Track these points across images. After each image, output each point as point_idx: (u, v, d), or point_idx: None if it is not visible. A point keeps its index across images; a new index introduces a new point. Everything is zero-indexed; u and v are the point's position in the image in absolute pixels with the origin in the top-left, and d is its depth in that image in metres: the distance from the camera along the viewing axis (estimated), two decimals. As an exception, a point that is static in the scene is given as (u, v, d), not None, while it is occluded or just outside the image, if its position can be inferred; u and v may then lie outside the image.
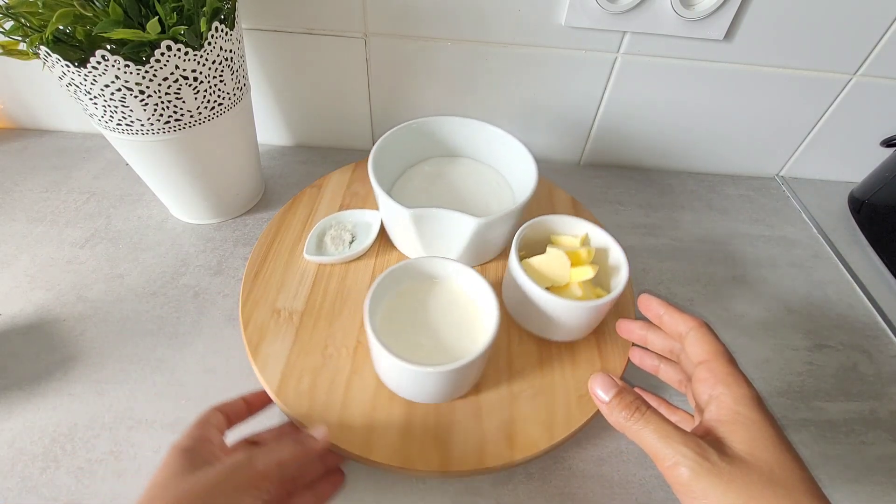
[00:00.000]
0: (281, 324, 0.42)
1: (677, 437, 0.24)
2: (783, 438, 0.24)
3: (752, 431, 0.24)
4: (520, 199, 0.43)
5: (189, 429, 0.30)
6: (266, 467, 0.27)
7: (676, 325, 0.31)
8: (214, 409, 0.33)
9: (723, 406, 0.26)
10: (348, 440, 0.35)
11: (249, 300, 0.43)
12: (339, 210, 0.52)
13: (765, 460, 0.23)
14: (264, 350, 0.40)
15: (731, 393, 0.26)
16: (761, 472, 0.23)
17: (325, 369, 0.39)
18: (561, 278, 0.39)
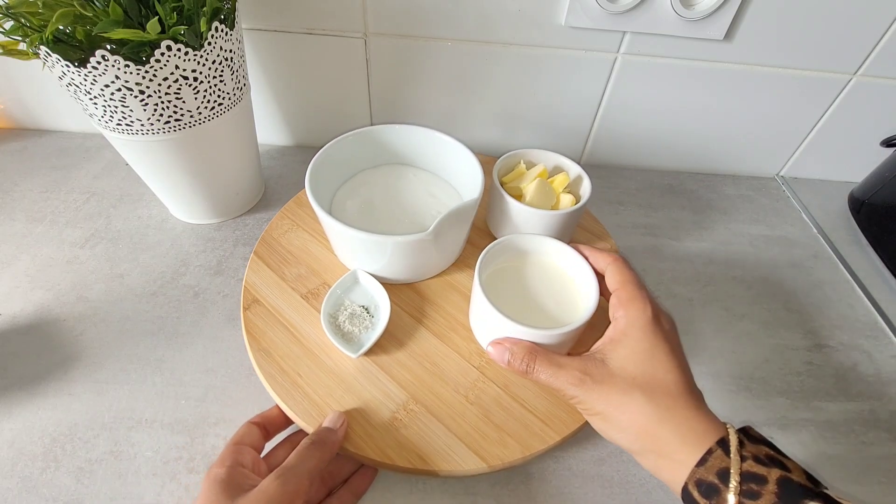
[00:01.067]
0: (282, 323, 0.42)
1: (564, 369, 0.30)
2: (660, 354, 0.28)
3: (629, 349, 0.29)
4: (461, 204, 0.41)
5: (224, 452, 0.31)
6: (297, 485, 0.28)
7: (598, 264, 0.35)
8: (250, 423, 0.34)
9: (616, 328, 0.30)
10: (348, 439, 0.35)
11: (250, 300, 0.43)
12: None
13: (630, 371, 0.28)
14: (265, 350, 0.40)
15: (626, 316, 0.30)
16: (624, 381, 0.28)
17: (326, 369, 0.39)
18: (550, 201, 0.47)
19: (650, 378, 0.28)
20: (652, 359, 0.28)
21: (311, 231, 0.50)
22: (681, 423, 0.26)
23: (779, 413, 0.43)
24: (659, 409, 0.27)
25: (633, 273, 0.32)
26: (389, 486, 0.36)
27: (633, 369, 0.28)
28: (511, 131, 0.64)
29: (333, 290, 0.42)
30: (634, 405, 0.27)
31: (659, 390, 0.27)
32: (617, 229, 0.58)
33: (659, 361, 0.28)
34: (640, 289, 0.31)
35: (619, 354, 0.29)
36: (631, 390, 0.28)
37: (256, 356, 0.39)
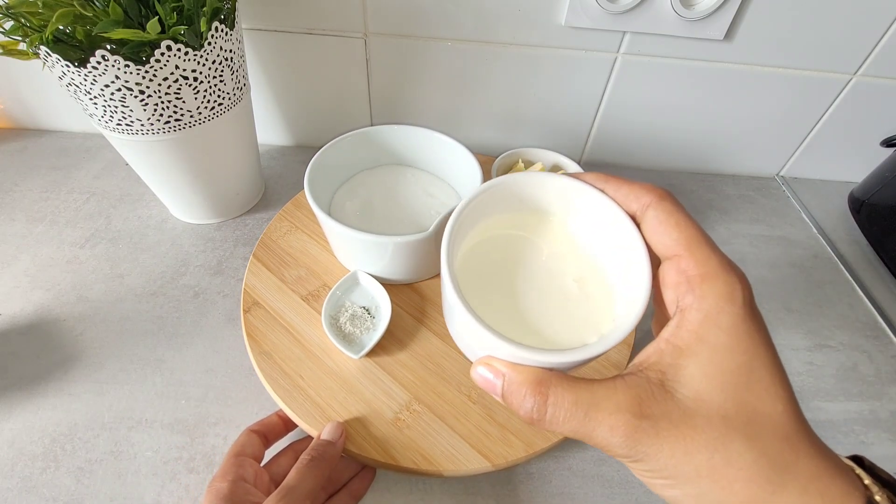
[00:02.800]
0: (283, 325, 0.42)
1: (601, 409, 0.17)
2: (761, 372, 0.17)
3: (713, 367, 0.17)
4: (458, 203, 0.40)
5: (225, 464, 0.31)
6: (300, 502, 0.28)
7: (628, 201, 0.22)
8: (249, 431, 0.33)
9: (686, 326, 0.18)
10: (352, 440, 0.35)
11: (250, 300, 0.43)
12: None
13: (717, 405, 0.17)
14: (266, 352, 0.40)
15: (701, 305, 0.18)
16: (711, 424, 0.17)
17: (327, 370, 0.39)
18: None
19: (751, 413, 0.17)
20: (751, 380, 0.17)
21: (310, 233, 0.50)
22: (807, 484, 0.17)
23: (779, 413, 0.43)
24: (773, 467, 0.16)
25: (695, 224, 0.20)
26: (389, 486, 0.36)
27: (720, 400, 0.17)
28: (511, 131, 0.64)
29: (334, 291, 0.42)
30: (733, 465, 0.16)
31: (768, 434, 0.17)
32: (617, 229, 0.58)
33: (761, 384, 0.17)
34: (716, 251, 0.19)
35: (693, 375, 0.17)
36: (726, 440, 0.16)
37: (258, 359, 0.39)
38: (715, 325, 0.17)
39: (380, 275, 0.43)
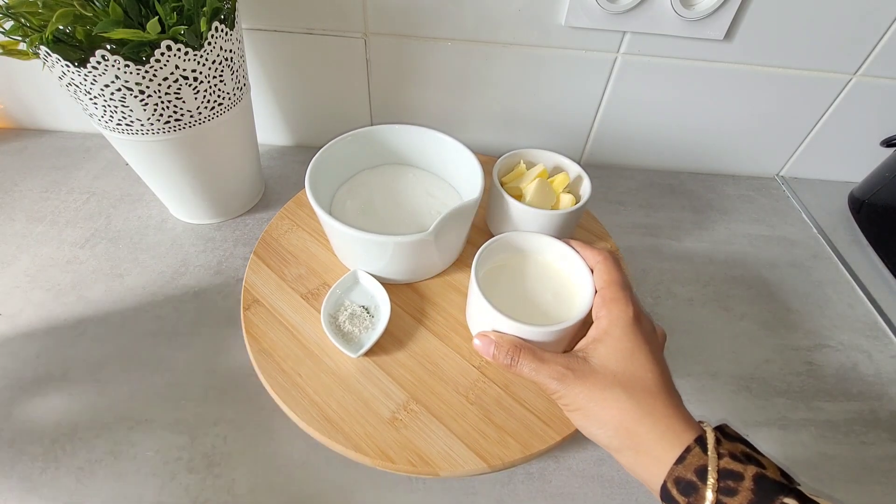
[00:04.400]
0: (282, 323, 0.42)
1: (547, 364, 0.30)
2: (640, 354, 0.29)
3: (610, 347, 0.29)
4: (461, 204, 0.40)
5: None
6: None
7: (589, 261, 0.35)
8: None
9: (599, 327, 0.31)
10: (347, 439, 0.35)
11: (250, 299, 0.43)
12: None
13: (611, 370, 0.29)
14: (265, 350, 0.40)
15: (608, 316, 0.31)
16: (605, 378, 0.29)
17: (326, 369, 0.39)
18: (550, 201, 0.47)
19: (630, 376, 0.28)
20: (632, 358, 0.29)
21: (310, 231, 0.50)
22: (659, 420, 0.27)
23: (779, 413, 0.43)
24: (638, 406, 0.27)
25: (619, 273, 0.33)
26: (389, 486, 0.36)
27: (614, 367, 0.29)
28: (511, 131, 0.64)
29: (333, 290, 0.42)
30: (614, 401, 0.28)
31: (639, 388, 0.28)
32: (617, 229, 0.58)
33: (639, 361, 0.29)
34: (623, 289, 0.32)
35: (600, 352, 0.30)
36: (611, 386, 0.28)
37: (257, 357, 0.39)
38: (615, 326, 0.30)
39: (380, 274, 0.43)
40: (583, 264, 0.36)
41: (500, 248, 0.39)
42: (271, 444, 0.38)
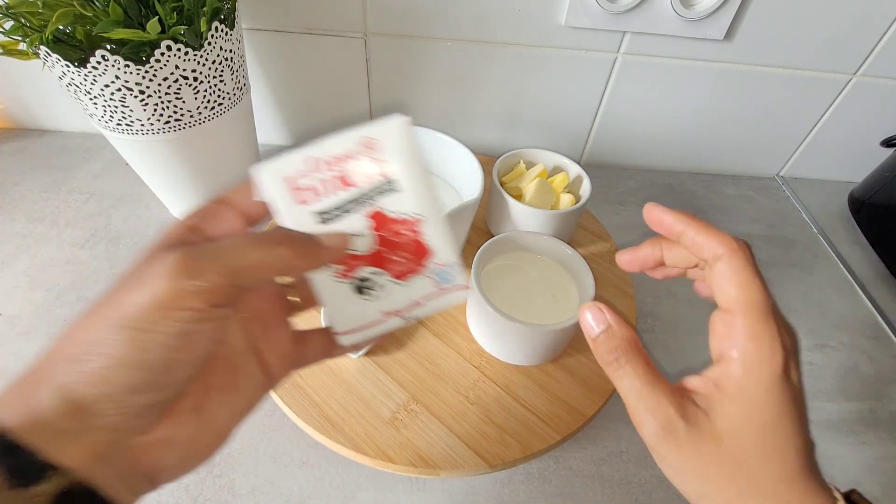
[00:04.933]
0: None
1: (651, 395, 0.21)
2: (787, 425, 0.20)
3: (745, 411, 0.20)
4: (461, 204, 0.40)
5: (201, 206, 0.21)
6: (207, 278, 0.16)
7: (701, 249, 0.23)
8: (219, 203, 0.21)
9: (728, 374, 0.21)
10: (348, 438, 0.35)
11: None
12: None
13: (742, 444, 0.20)
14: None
15: (744, 362, 0.21)
16: (732, 453, 0.20)
17: (326, 369, 0.39)
18: (550, 201, 0.47)
19: (767, 458, 0.20)
20: (774, 431, 0.20)
21: (311, 231, 0.50)
22: None
23: (779, 413, 0.43)
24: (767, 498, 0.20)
25: (761, 286, 0.22)
26: (390, 486, 0.36)
27: (746, 440, 0.20)
28: (511, 131, 0.64)
29: None
30: (734, 488, 0.20)
31: (775, 475, 0.20)
32: (617, 229, 0.58)
33: (782, 435, 0.20)
34: (768, 317, 0.21)
35: (730, 414, 0.20)
36: (737, 468, 0.20)
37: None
38: (755, 385, 0.20)
39: None
40: (583, 265, 0.36)
41: (500, 248, 0.39)
42: (271, 444, 0.38)
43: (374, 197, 0.20)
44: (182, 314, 0.16)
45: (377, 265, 0.21)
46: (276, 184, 0.19)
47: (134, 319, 0.16)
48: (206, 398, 0.19)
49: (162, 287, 0.16)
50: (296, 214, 0.20)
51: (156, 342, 0.16)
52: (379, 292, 0.21)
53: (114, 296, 0.17)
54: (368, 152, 0.20)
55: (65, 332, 0.17)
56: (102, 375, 0.16)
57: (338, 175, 0.20)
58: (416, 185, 0.20)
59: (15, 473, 0.14)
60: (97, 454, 0.16)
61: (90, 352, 0.16)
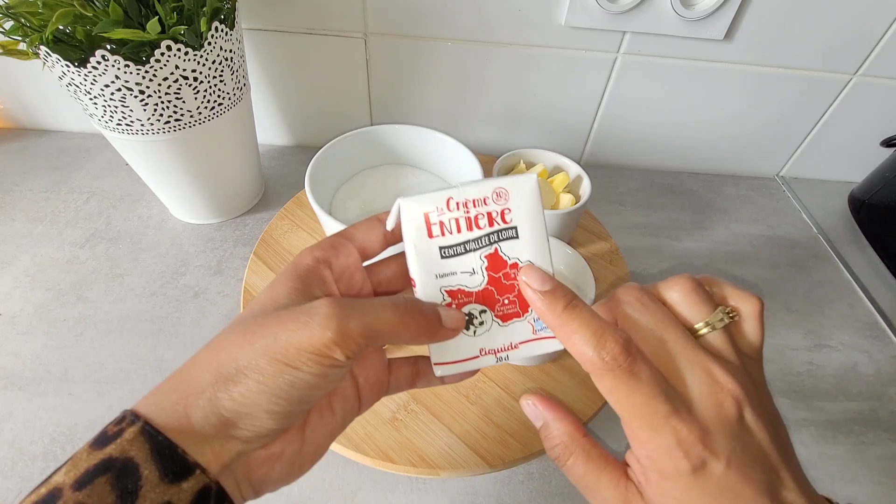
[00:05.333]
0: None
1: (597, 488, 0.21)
2: None
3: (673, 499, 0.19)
4: None
5: (324, 240, 0.23)
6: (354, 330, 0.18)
7: None
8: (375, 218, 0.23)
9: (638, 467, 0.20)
10: (348, 438, 0.35)
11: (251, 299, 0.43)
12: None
13: None
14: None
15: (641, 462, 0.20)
16: None
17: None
18: (550, 201, 0.48)
19: None
20: None
21: (311, 231, 0.50)
22: None
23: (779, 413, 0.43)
24: None
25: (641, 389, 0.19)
26: (390, 486, 0.36)
27: None
28: (511, 131, 0.64)
29: None
30: None
31: None
32: (617, 229, 0.58)
33: None
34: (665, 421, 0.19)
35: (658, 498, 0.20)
36: None
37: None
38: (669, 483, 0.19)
39: None
40: (583, 265, 0.36)
41: None
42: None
43: (494, 241, 0.22)
44: (326, 360, 0.18)
45: (485, 303, 0.22)
46: (416, 216, 0.22)
47: (288, 356, 0.18)
48: (309, 418, 0.21)
49: (317, 335, 0.18)
50: (423, 245, 0.22)
51: (301, 379, 0.18)
52: (480, 329, 0.23)
53: (268, 327, 0.19)
54: (497, 199, 0.22)
55: (214, 345, 0.19)
56: (251, 397, 0.18)
57: (467, 217, 0.22)
58: (534, 236, 0.22)
59: (168, 469, 0.17)
60: (225, 462, 0.18)
61: (245, 374, 0.18)
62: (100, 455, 0.17)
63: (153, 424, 0.17)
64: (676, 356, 0.20)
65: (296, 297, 0.20)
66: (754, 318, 0.22)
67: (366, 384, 0.23)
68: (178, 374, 0.19)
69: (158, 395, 0.19)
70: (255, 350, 0.18)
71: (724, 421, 0.19)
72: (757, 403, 0.20)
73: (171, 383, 0.19)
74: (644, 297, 0.21)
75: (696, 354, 0.20)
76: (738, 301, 0.22)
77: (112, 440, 0.17)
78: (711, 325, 0.21)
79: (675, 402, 0.19)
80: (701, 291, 0.22)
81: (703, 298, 0.21)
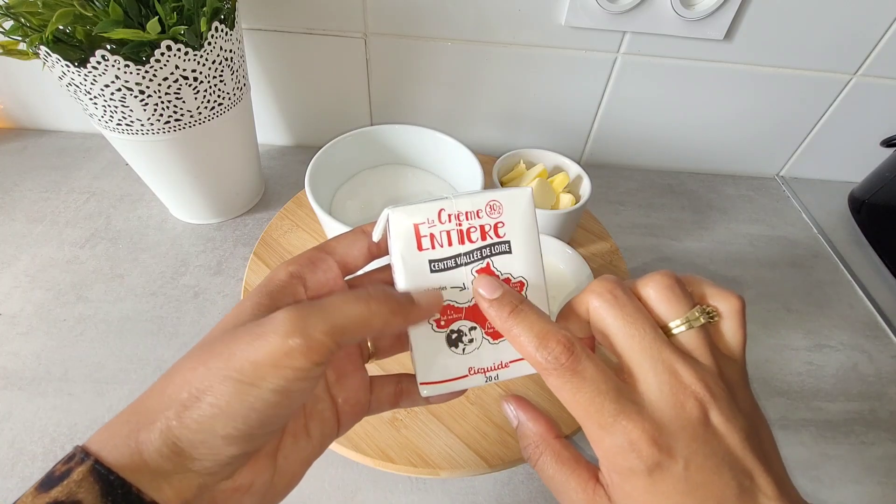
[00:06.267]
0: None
1: (566, 488, 0.21)
2: None
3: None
4: None
5: (302, 253, 0.22)
6: (317, 337, 0.17)
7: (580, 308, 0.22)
8: (359, 230, 0.23)
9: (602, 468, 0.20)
10: (347, 438, 0.35)
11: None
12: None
13: None
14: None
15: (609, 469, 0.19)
16: None
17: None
18: (550, 200, 0.47)
19: None
20: None
21: (310, 231, 0.50)
22: None
23: (779, 413, 0.43)
24: None
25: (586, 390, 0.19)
26: (389, 486, 0.36)
27: None
28: (511, 131, 0.64)
29: None
30: None
31: None
32: (617, 229, 0.58)
33: None
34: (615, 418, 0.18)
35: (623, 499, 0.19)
36: None
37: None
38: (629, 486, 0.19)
39: None
40: (583, 265, 0.36)
41: None
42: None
43: (486, 255, 0.21)
44: (287, 372, 0.17)
45: (475, 320, 0.21)
46: (406, 227, 0.21)
47: (243, 373, 0.16)
48: (282, 444, 0.20)
49: (273, 344, 0.16)
50: (412, 259, 0.21)
51: (260, 398, 0.16)
52: (469, 347, 0.22)
53: (223, 345, 0.17)
54: (491, 213, 0.21)
55: (170, 371, 0.18)
56: (206, 424, 0.16)
57: (458, 229, 0.21)
58: (527, 252, 0.22)
59: None
60: (187, 499, 0.17)
61: (198, 399, 0.16)
62: (45, 499, 0.15)
63: (104, 462, 0.16)
64: (641, 353, 0.19)
65: (259, 314, 0.19)
66: (735, 317, 0.21)
67: (345, 405, 0.22)
68: (131, 406, 0.18)
69: (111, 429, 0.17)
70: (209, 371, 0.17)
71: (685, 422, 0.18)
72: (727, 406, 0.19)
73: (125, 416, 0.17)
74: (617, 290, 0.21)
75: (663, 352, 0.19)
76: (717, 300, 0.22)
77: (59, 481, 0.16)
78: (688, 322, 0.20)
79: (624, 401, 0.18)
80: (678, 289, 0.21)
81: (679, 296, 0.21)
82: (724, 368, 0.20)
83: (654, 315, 0.21)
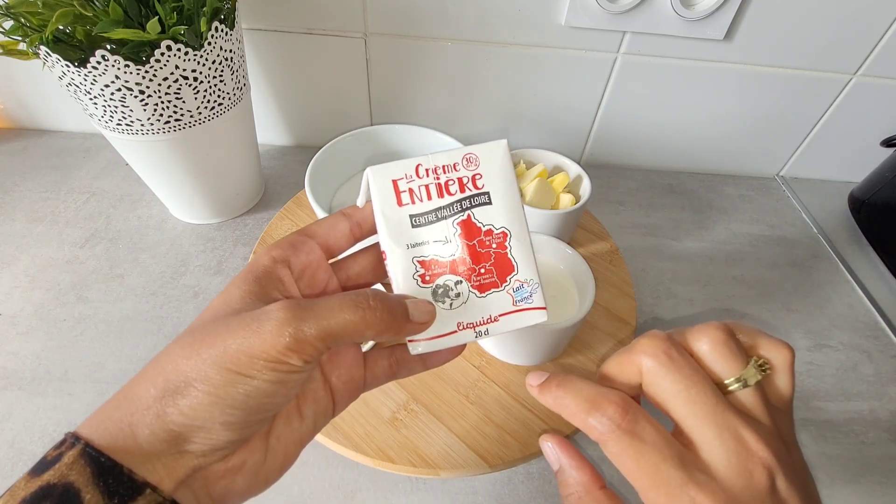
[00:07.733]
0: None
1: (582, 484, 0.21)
2: None
3: None
4: None
5: (283, 238, 0.22)
6: (311, 338, 0.17)
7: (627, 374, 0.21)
8: (340, 213, 0.23)
9: None
10: (347, 438, 0.35)
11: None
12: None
13: None
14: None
15: None
16: None
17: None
18: (550, 200, 0.47)
19: None
20: None
21: (311, 231, 0.50)
22: None
23: (779, 413, 0.43)
24: None
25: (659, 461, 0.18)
26: (389, 486, 0.36)
27: None
28: (511, 131, 0.64)
29: None
30: None
31: None
32: (617, 229, 0.58)
33: None
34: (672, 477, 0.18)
35: None
36: None
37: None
38: None
39: None
40: (583, 265, 0.36)
41: None
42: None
43: (466, 207, 0.21)
44: (282, 366, 0.17)
45: (460, 274, 0.21)
46: (385, 184, 0.21)
47: (239, 365, 0.17)
48: (274, 425, 0.20)
49: (269, 341, 0.17)
50: (393, 214, 0.21)
51: (255, 387, 0.17)
52: (457, 302, 0.22)
53: (216, 335, 0.18)
54: (468, 165, 0.22)
55: (161, 358, 0.18)
56: (202, 410, 0.17)
57: (437, 183, 0.21)
58: (507, 202, 0.22)
59: (113, 491, 0.16)
60: (181, 478, 0.17)
61: (193, 387, 0.17)
62: (37, 482, 0.16)
63: (95, 446, 0.16)
64: (704, 418, 0.18)
65: (251, 301, 0.19)
66: (787, 370, 0.20)
67: (339, 383, 0.22)
68: (122, 391, 0.18)
69: (101, 414, 0.18)
70: (203, 360, 0.17)
71: (754, 492, 0.17)
72: (789, 469, 0.18)
73: (116, 402, 0.18)
74: (672, 350, 0.20)
75: (726, 417, 0.18)
76: (769, 351, 0.21)
77: (51, 466, 0.16)
78: (744, 380, 0.19)
79: (691, 468, 0.18)
80: (732, 343, 0.20)
81: (734, 351, 0.20)
82: (779, 425, 0.19)
83: (709, 372, 0.20)
